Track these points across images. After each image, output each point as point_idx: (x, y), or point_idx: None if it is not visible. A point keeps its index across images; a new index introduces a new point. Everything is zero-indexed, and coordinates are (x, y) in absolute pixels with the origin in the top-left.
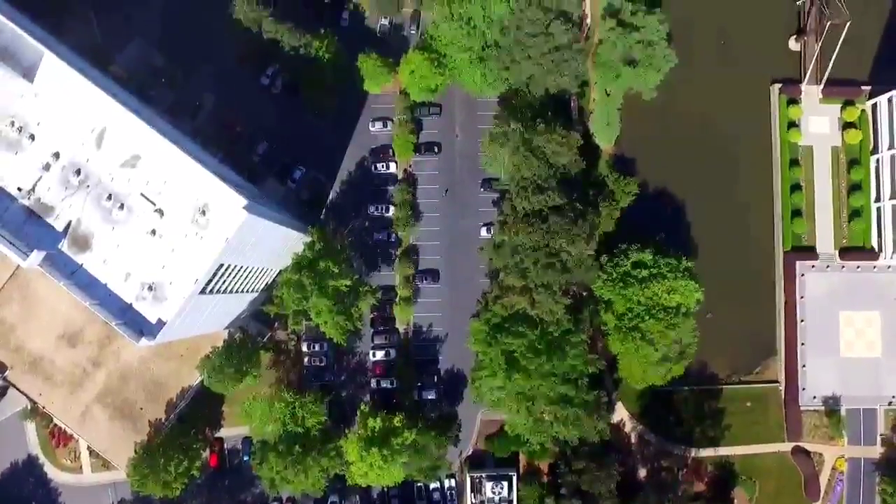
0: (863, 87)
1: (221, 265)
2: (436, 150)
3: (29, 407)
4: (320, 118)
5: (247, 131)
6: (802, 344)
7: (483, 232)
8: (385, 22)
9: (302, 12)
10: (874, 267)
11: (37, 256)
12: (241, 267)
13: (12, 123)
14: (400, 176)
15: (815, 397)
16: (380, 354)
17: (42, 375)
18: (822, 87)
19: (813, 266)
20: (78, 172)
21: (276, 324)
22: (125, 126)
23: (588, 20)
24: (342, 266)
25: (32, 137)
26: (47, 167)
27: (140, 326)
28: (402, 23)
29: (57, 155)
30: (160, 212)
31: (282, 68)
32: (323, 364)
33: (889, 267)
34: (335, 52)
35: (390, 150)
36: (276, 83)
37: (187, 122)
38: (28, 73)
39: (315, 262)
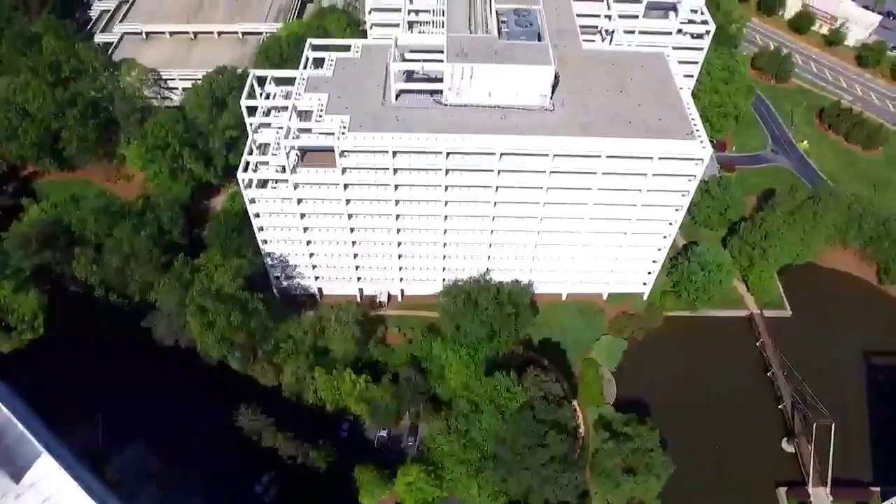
0: (872, 489)
1: None
2: None
3: None
4: None
5: None
6: None
7: None
8: (383, 434)
9: (303, 421)
10: None
11: None
12: None
13: None
14: None
15: None
16: None
17: None
18: (829, 489)
19: None
20: None
21: None
22: None
23: (582, 430)
24: None
25: None
26: None
27: None
28: (400, 434)
29: None
30: None
31: (277, 476)
32: None
33: None
34: (333, 463)
35: None
36: (270, 491)
37: None
38: (17, 474)
39: None
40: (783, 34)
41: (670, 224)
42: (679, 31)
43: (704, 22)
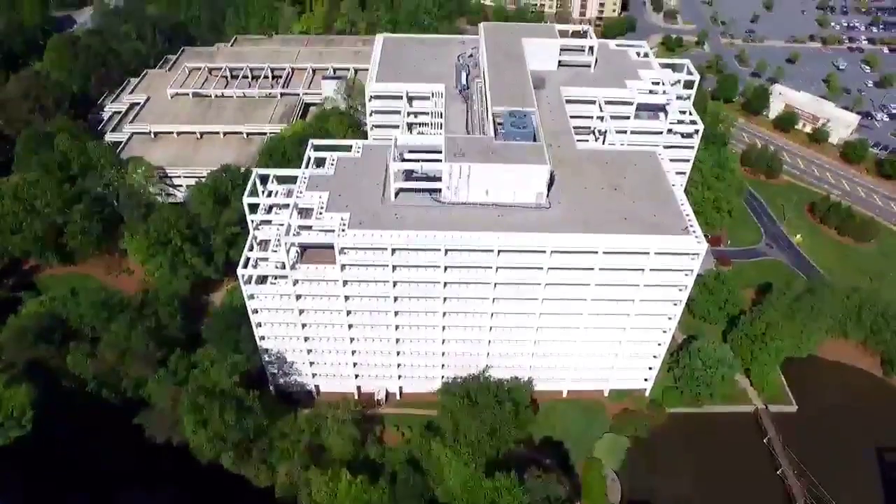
0: None
1: None
2: None
3: None
4: None
5: None
6: None
7: None
8: None
9: None
10: None
11: None
12: None
13: None
14: None
15: None
16: None
17: None
18: None
19: None
20: None
21: None
22: None
23: None
24: None
25: None
26: None
27: None
28: None
29: None
30: None
31: None
32: None
33: None
34: None
35: None
36: None
37: None
38: None
39: None
40: (769, 133)
41: (669, 319)
42: (669, 130)
43: (693, 122)
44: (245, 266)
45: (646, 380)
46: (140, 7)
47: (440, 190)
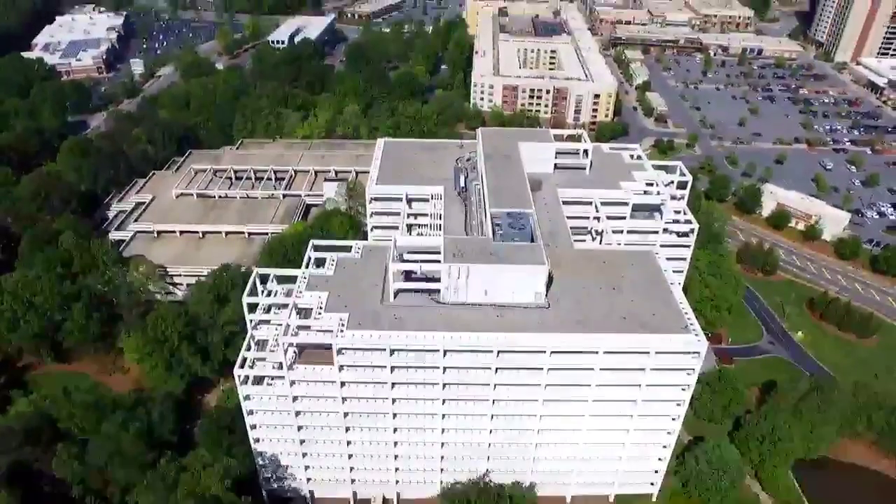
0: None
1: None
2: None
3: None
4: None
5: None
6: None
7: None
8: None
9: None
10: None
11: None
12: None
13: None
14: None
15: None
16: None
17: None
18: None
19: None
20: None
21: None
22: None
23: None
24: None
25: None
26: None
27: None
28: None
29: None
30: None
31: None
32: None
33: None
34: None
35: None
36: None
37: None
38: None
39: None
40: (763, 230)
41: (673, 420)
42: (665, 230)
43: (688, 221)
44: (242, 366)
45: (652, 484)
46: (152, 112)
47: (439, 290)
